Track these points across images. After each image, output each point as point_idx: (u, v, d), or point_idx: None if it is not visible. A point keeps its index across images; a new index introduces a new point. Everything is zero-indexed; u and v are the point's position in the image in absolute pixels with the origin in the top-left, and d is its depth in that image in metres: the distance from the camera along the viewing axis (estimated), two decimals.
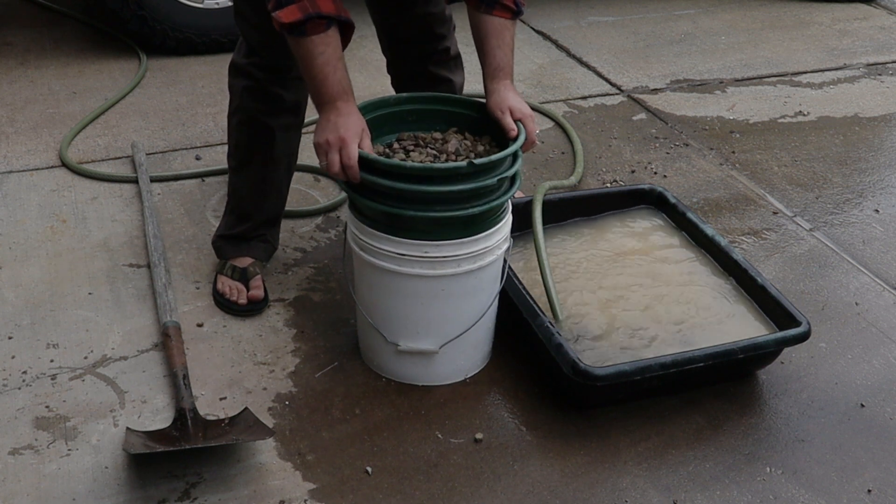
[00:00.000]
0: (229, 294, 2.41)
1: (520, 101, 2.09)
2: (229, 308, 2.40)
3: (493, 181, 1.96)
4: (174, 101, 3.57)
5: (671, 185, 3.06)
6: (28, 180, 2.99)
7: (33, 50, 3.99)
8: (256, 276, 2.44)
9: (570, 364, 1.98)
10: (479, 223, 2.03)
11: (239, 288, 2.41)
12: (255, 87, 2.31)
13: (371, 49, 4.05)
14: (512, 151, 1.99)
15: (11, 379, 2.16)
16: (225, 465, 1.95)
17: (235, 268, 2.45)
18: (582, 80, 3.92)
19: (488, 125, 2.13)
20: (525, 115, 2.08)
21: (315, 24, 1.92)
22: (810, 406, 2.18)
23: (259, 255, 2.49)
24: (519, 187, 2.13)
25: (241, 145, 2.43)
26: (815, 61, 4.18)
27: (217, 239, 2.53)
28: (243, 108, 2.36)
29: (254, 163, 2.41)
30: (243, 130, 2.40)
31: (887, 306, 2.53)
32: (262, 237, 2.50)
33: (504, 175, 1.98)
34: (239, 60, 2.33)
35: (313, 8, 1.89)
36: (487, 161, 1.93)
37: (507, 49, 2.12)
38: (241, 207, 2.47)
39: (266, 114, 2.32)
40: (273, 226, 2.52)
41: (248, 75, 2.31)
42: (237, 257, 2.48)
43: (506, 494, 1.92)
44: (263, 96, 2.31)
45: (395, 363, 2.18)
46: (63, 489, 1.89)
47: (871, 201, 3.06)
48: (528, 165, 3.18)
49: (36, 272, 2.54)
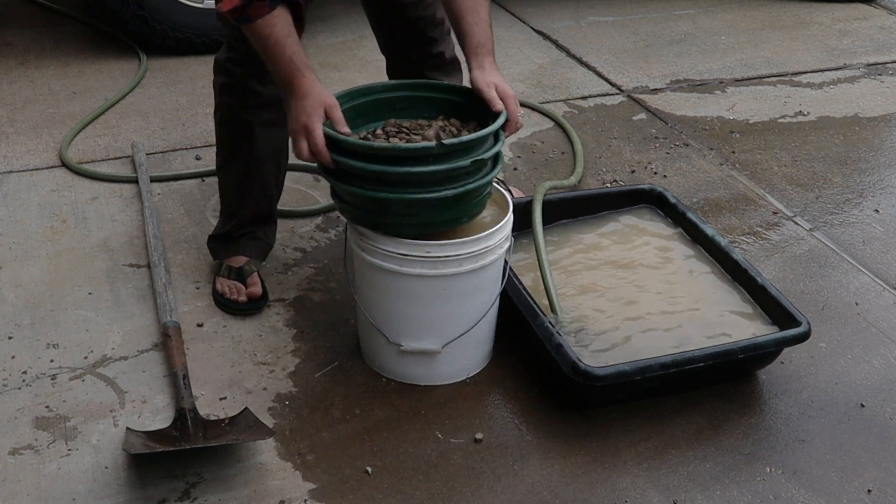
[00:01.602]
0: (228, 293, 2.41)
1: (504, 81, 2.04)
2: (230, 307, 2.40)
3: (467, 163, 1.90)
4: (174, 101, 3.57)
5: (671, 185, 3.06)
6: (28, 180, 3.00)
7: (33, 50, 3.99)
8: (253, 274, 2.44)
9: (570, 364, 1.98)
10: (459, 207, 1.99)
11: (237, 287, 2.41)
12: (232, 84, 2.32)
13: (371, 49, 4.04)
14: (487, 132, 1.93)
15: (11, 379, 2.17)
16: (225, 465, 1.95)
17: (231, 268, 2.45)
18: (582, 80, 3.92)
19: (476, 111, 2.08)
20: (508, 95, 2.01)
21: (257, 8, 1.89)
22: (810, 406, 2.18)
23: (251, 252, 2.48)
24: (500, 169, 2.06)
25: (223, 142, 2.45)
26: (815, 61, 4.18)
27: (209, 240, 2.54)
28: (223, 104, 2.39)
29: (236, 160, 2.42)
30: (224, 127, 2.42)
31: (887, 306, 2.53)
32: (252, 234, 2.49)
33: (480, 157, 1.92)
34: (219, 57, 2.35)
35: None
36: (458, 142, 1.88)
37: (484, 25, 2.06)
38: (228, 206, 2.49)
39: (245, 109, 2.33)
40: (263, 223, 2.51)
41: (227, 72, 2.32)
42: (230, 257, 2.48)
43: (506, 494, 1.92)
44: (241, 92, 2.32)
45: (397, 363, 2.18)
46: (63, 489, 1.89)
47: (871, 201, 3.06)
48: (528, 165, 3.18)
49: (36, 272, 2.54)
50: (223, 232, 2.49)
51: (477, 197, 2.03)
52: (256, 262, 2.48)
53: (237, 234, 2.48)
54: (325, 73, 3.80)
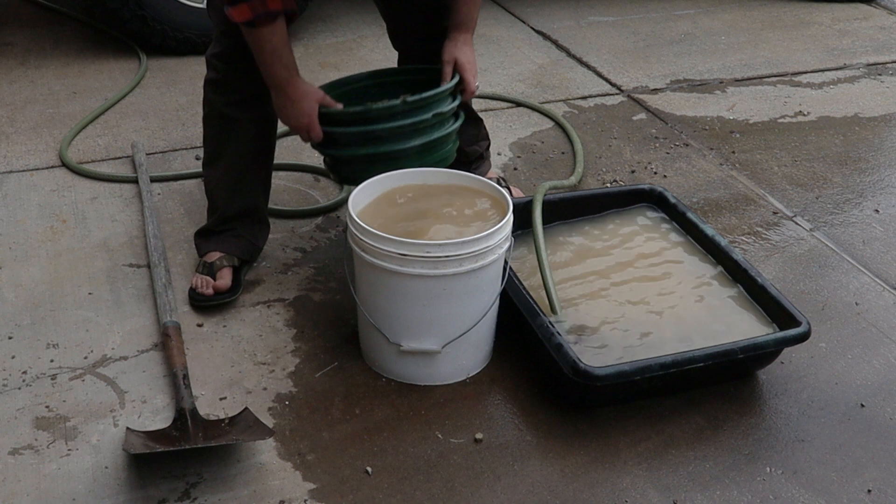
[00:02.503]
0: (197, 287, 2.41)
1: (468, 54, 2.34)
2: (196, 300, 2.39)
3: (428, 116, 2.24)
4: (174, 101, 3.57)
5: (671, 185, 3.06)
6: (28, 180, 3.00)
7: (33, 50, 3.99)
8: (223, 269, 2.43)
9: (570, 364, 1.98)
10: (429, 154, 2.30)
11: (206, 280, 2.41)
12: (218, 80, 2.35)
13: (371, 49, 4.05)
14: (441, 90, 2.27)
15: (11, 379, 2.17)
16: (225, 465, 1.95)
17: (205, 263, 2.45)
18: (582, 80, 3.92)
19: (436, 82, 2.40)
20: (466, 67, 2.33)
21: (264, 20, 2.07)
22: (810, 406, 2.18)
23: (229, 248, 2.47)
24: (461, 124, 2.39)
25: (209, 138, 2.47)
26: (815, 61, 4.18)
27: (194, 237, 2.55)
28: (207, 100, 2.41)
29: (221, 156, 2.43)
30: (210, 123, 2.45)
31: (887, 306, 2.53)
32: (233, 231, 2.48)
33: (440, 111, 2.26)
34: (207, 54, 2.38)
35: (262, 7, 2.05)
36: (417, 98, 2.22)
37: (472, 5, 2.35)
38: (212, 201, 2.50)
39: (229, 105, 2.35)
40: (246, 220, 2.50)
41: (214, 68, 2.35)
42: (207, 253, 2.48)
43: (506, 494, 1.92)
44: (226, 88, 2.35)
45: (397, 364, 2.18)
46: (63, 489, 1.89)
47: (871, 201, 3.06)
48: (528, 165, 3.18)
49: (36, 272, 2.54)
50: (205, 227, 2.52)
51: (443, 146, 2.35)
52: (231, 258, 2.46)
53: (219, 229, 2.48)
54: (326, 72, 3.80)
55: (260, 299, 2.46)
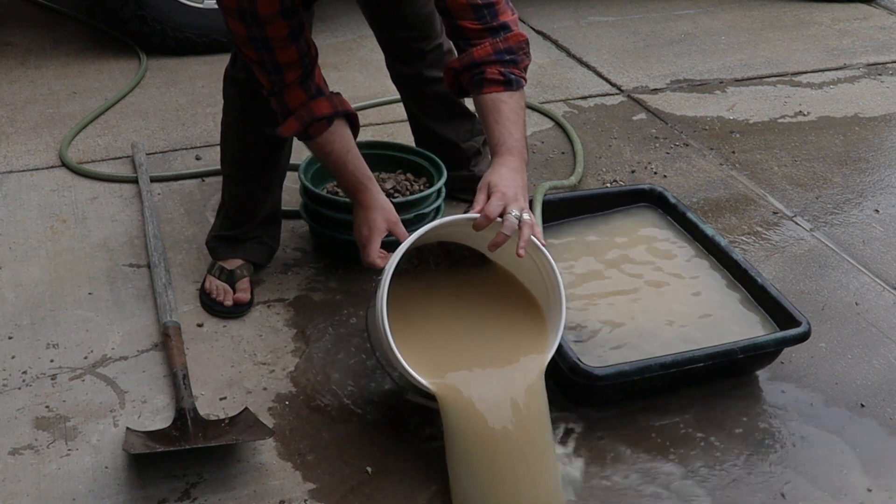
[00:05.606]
0: (215, 294, 2.40)
1: (505, 177, 1.93)
2: (213, 308, 2.39)
3: (410, 216, 2.36)
4: (174, 101, 3.57)
5: (671, 185, 3.06)
6: (28, 180, 3.00)
7: (33, 50, 3.99)
8: (244, 279, 2.43)
9: (570, 364, 1.98)
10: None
11: (225, 289, 2.40)
12: (249, 95, 2.29)
13: (371, 49, 4.04)
14: (427, 193, 2.46)
15: (11, 379, 2.17)
16: (225, 465, 1.95)
17: (223, 269, 2.44)
18: (582, 80, 3.92)
19: (428, 170, 2.61)
20: (496, 191, 1.89)
21: (316, 127, 2.04)
22: (810, 406, 2.18)
23: (254, 256, 2.49)
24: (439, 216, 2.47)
25: (238, 156, 2.43)
26: (815, 61, 4.18)
27: (212, 239, 2.52)
28: (239, 118, 2.37)
29: (253, 172, 2.42)
30: (239, 139, 2.41)
31: (887, 306, 2.53)
32: (258, 238, 2.49)
33: (421, 212, 2.44)
34: (231, 69, 2.34)
35: (308, 115, 2.03)
36: (402, 201, 2.37)
37: (505, 122, 2.01)
38: (237, 212, 2.47)
39: (264, 122, 2.29)
40: (270, 226, 2.52)
41: (242, 83, 2.30)
42: (228, 258, 2.47)
43: None
44: (257, 104, 2.25)
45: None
46: (63, 489, 1.89)
47: (871, 201, 3.06)
48: (528, 165, 3.17)
49: (36, 272, 2.54)
50: (231, 234, 2.48)
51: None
52: (249, 266, 2.47)
53: (246, 237, 2.48)
54: (325, 72, 3.77)
55: (260, 299, 2.46)
